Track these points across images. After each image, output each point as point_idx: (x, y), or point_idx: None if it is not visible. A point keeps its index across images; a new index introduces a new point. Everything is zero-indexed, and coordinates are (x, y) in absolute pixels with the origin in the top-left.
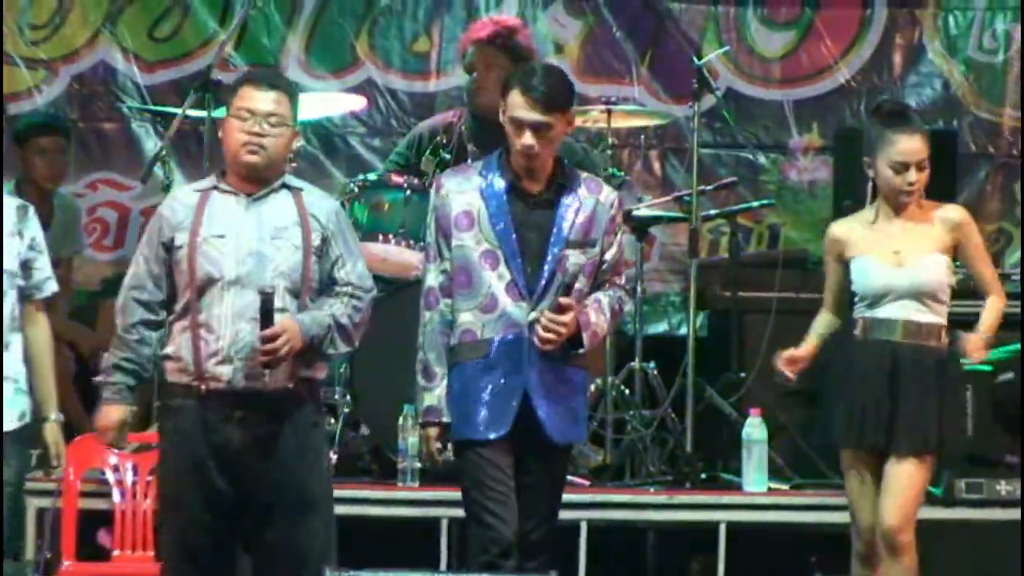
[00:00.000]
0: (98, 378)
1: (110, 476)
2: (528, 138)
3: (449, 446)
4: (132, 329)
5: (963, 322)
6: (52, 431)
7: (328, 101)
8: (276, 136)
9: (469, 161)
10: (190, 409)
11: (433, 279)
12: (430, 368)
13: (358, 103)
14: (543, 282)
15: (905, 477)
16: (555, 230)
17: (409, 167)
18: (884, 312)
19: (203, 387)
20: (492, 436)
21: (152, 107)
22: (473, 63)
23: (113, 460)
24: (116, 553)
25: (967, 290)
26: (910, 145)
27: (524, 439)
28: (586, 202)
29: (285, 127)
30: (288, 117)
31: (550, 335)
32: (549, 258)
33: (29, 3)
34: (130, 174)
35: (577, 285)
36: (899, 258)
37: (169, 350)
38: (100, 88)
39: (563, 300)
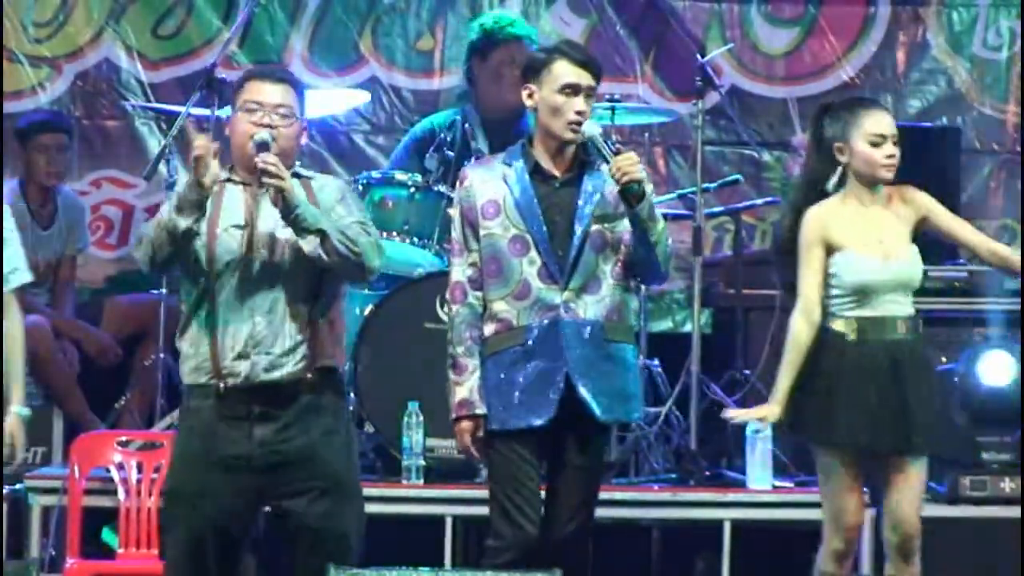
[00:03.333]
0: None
1: (115, 474)
2: (582, 103)
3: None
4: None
5: (950, 319)
6: (10, 424)
7: (332, 98)
8: (285, 127)
9: (473, 158)
10: (209, 408)
11: (460, 274)
12: (460, 361)
13: (362, 98)
14: (572, 262)
15: (918, 479)
16: (578, 208)
17: (412, 167)
18: (878, 310)
19: (221, 385)
20: (537, 423)
21: (156, 105)
22: (494, 57)
23: (118, 458)
24: (121, 551)
25: (966, 288)
26: (884, 119)
27: (566, 424)
28: (606, 177)
29: (293, 119)
30: (295, 110)
31: (630, 172)
32: (576, 237)
33: (33, 1)
34: (134, 172)
35: (607, 266)
36: (885, 249)
37: (186, 348)
38: (104, 86)
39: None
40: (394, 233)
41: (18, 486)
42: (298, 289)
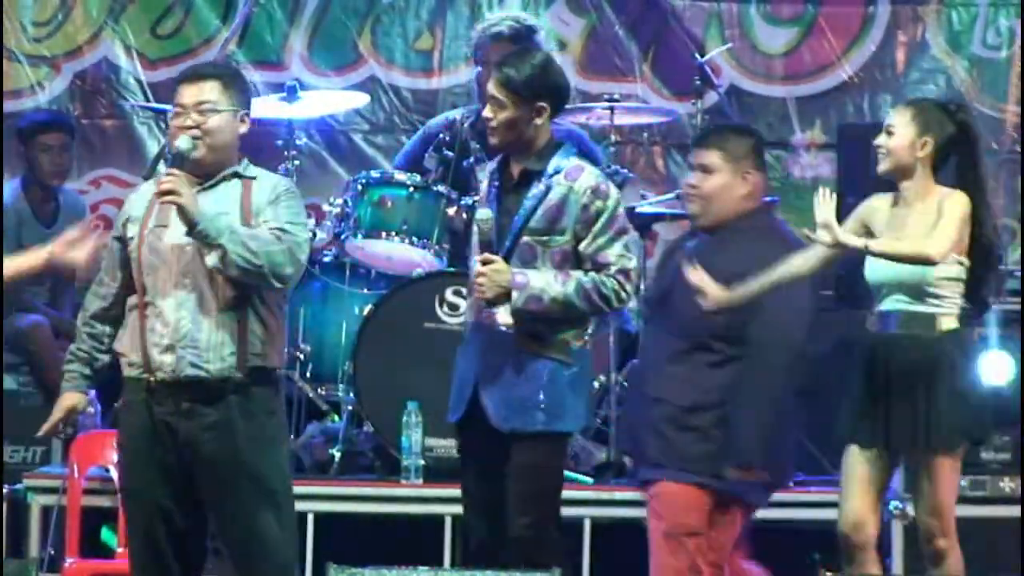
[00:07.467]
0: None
1: (114, 473)
2: (487, 110)
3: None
4: (86, 322)
5: None
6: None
7: (331, 98)
8: (207, 123)
9: (472, 159)
10: (142, 402)
11: None
12: None
13: (361, 100)
14: None
15: (928, 478)
16: (516, 215)
17: (416, 165)
18: (885, 305)
19: (151, 379)
20: (453, 419)
21: (155, 104)
22: (488, 57)
23: (117, 457)
24: (120, 550)
25: None
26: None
27: (479, 427)
28: (557, 189)
29: (217, 113)
30: (220, 102)
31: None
32: (506, 244)
33: (32, 0)
34: (133, 171)
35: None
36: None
37: (119, 344)
38: (103, 85)
39: (487, 256)
40: (393, 233)
41: (18, 486)
42: (224, 287)
